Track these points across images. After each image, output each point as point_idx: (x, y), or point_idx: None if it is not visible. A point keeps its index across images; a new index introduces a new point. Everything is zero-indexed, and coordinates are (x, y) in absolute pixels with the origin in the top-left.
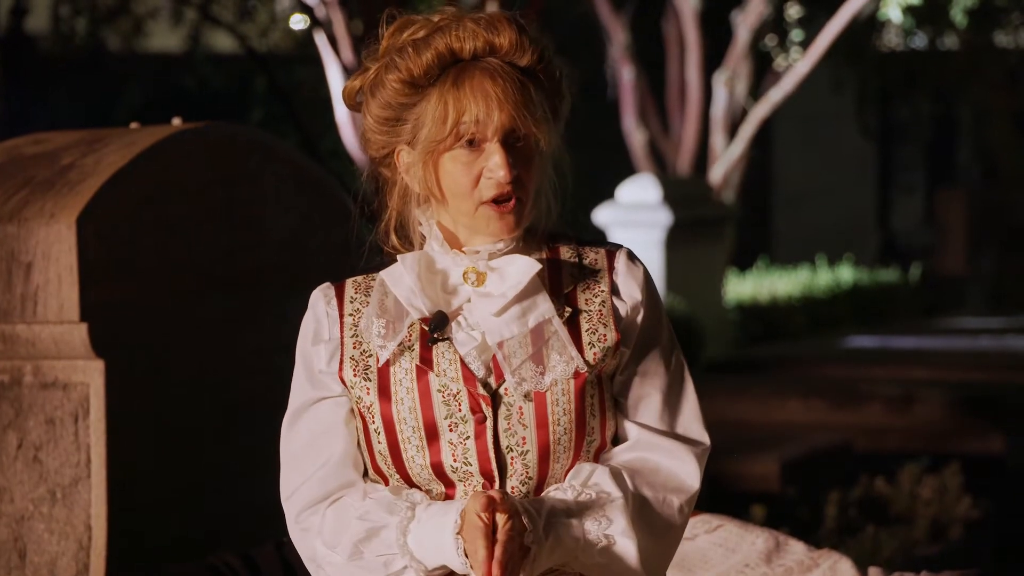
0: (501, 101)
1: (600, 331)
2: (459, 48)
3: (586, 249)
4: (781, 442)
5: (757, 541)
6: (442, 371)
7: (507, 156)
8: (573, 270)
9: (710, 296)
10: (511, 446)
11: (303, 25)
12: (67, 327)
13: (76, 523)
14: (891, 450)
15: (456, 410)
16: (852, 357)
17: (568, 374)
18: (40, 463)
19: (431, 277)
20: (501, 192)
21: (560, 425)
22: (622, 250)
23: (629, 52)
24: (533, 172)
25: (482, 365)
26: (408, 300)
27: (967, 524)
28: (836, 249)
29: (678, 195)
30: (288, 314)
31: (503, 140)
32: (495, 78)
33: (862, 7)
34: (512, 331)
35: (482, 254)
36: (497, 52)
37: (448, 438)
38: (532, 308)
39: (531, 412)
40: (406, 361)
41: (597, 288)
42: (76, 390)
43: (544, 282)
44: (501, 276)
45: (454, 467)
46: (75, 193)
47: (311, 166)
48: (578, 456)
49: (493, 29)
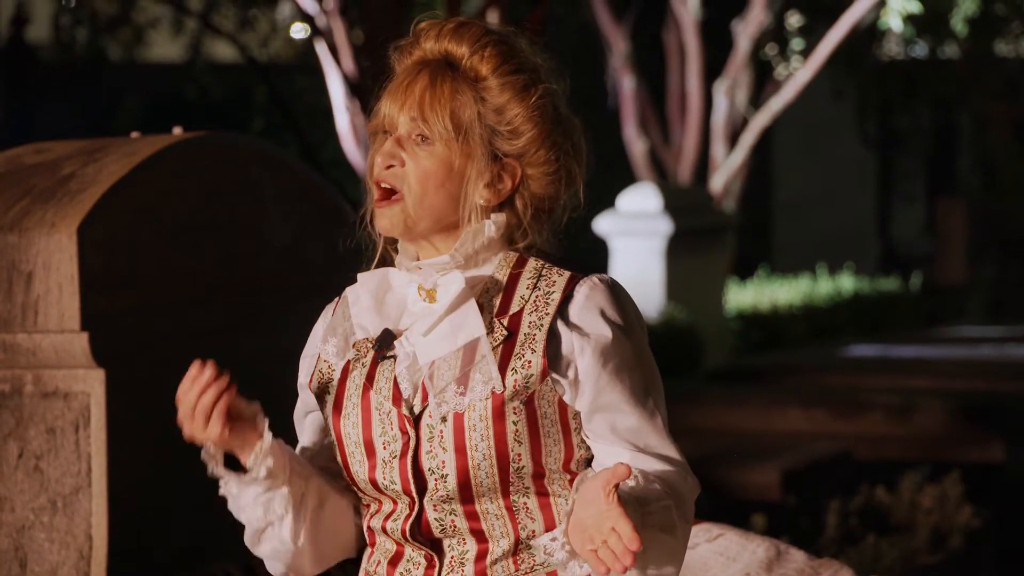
0: (404, 97)
1: (526, 356)
2: (425, 49)
3: (552, 271)
4: (782, 451)
5: (758, 550)
6: (379, 389)
7: (393, 145)
8: (526, 291)
9: (711, 305)
10: (432, 468)
11: (304, 34)
12: (68, 336)
13: (77, 532)
14: (892, 459)
15: (388, 428)
16: (853, 366)
17: (485, 395)
18: (41, 472)
19: (387, 294)
20: (377, 179)
21: (478, 451)
22: (589, 278)
23: (630, 61)
24: (425, 178)
25: (411, 385)
26: (359, 319)
27: (968, 533)
28: (836, 258)
29: (679, 204)
30: (288, 323)
31: (404, 135)
32: (417, 76)
33: (863, 16)
34: (441, 350)
35: (427, 270)
36: (447, 56)
37: (381, 455)
38: (462, 326)
39: (450, 435)
40: (357, 377)
41: (542, 312)
42: (77, 399)
43: (494, 301)
44: (446, 291)
45: (384, 484)
46: (76, 203)
47: (311, 175)
48: (506, 482)
49: (447, 33)
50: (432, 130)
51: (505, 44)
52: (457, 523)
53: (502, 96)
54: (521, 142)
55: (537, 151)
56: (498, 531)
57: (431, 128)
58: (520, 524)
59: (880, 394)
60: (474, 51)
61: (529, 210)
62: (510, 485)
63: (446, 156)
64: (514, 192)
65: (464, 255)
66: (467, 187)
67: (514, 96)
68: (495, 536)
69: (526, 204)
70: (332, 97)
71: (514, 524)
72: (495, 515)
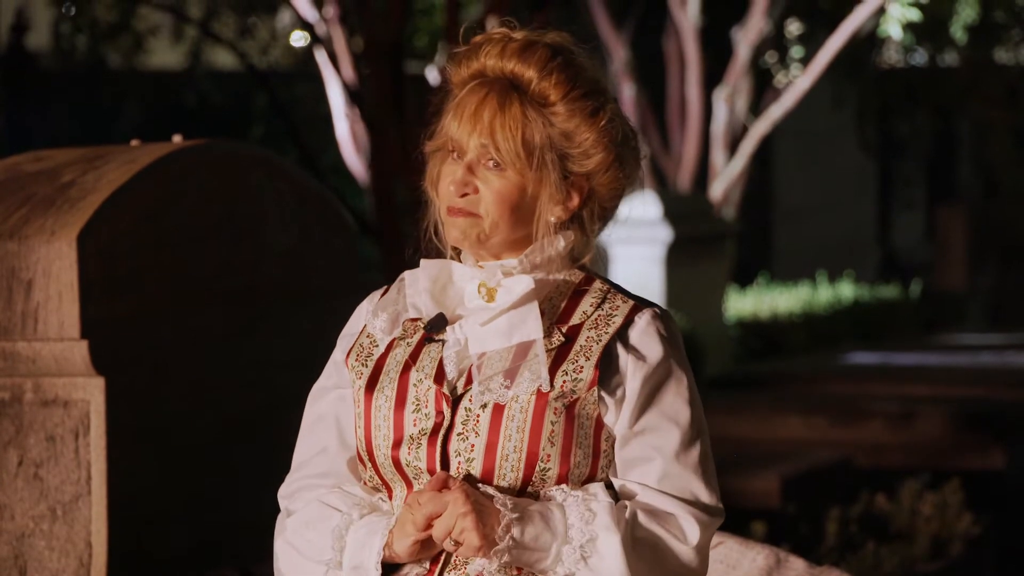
0: (475, 123)
1: (579, 363)
2: (483, 66)
3: (617, 296)
4: (782, 458)
5: (758, 558)
6: (422, 367)
7: (465, 174)
8: (589, 308)
9: (710, 312)
10: (459, 451)
11: (303, 42)
12: (68, 344)
13: (77, 540)
14: (892, 466)
15: (423, 405)
16: (852, 373)
17: (530, 391)
18: (40, 480)
19: (447, 285)
20: (451, 205)
21: (511, 441)
22: (652, 308)
23: (629, 69)
24: (500, 203)
25: (456, 369)
26: (413, 300)
27: (968, 540)
28: (836, 265)
29: (678, 211)
30: (288, 330)
31: (474, 159)
32: (485, 100)
33: (862, 24)
34: (494, 344)
35: (493, 270)
36: (508, 76)
37: (410, 432)
38: (520, 326)
39: (486, 421)
40: (400, 354)
41: (602, 330)
42: (76, 407)
43: (558, 308)
44: (508, 292)
45: (407, 461)
46: (76, 210)
47: (311, 182)
48: (527, 480)
49: (510, 52)
50: (504, 157)
51: (572, 67)
52: None
53: (571, 122)
54: (591, 164)
55: (607, 171)
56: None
57: (503, 155)
58: None
59: (880, 402)
60: (542, 76)
61: (596, 221)
62: (528, 485)
63: (519, 180)
64: (582, 207)
65: (532, 263)
66: (540, 208)
67: (583, 122)
68: None
69: (593, 214)
70: (332, 104)
71: None
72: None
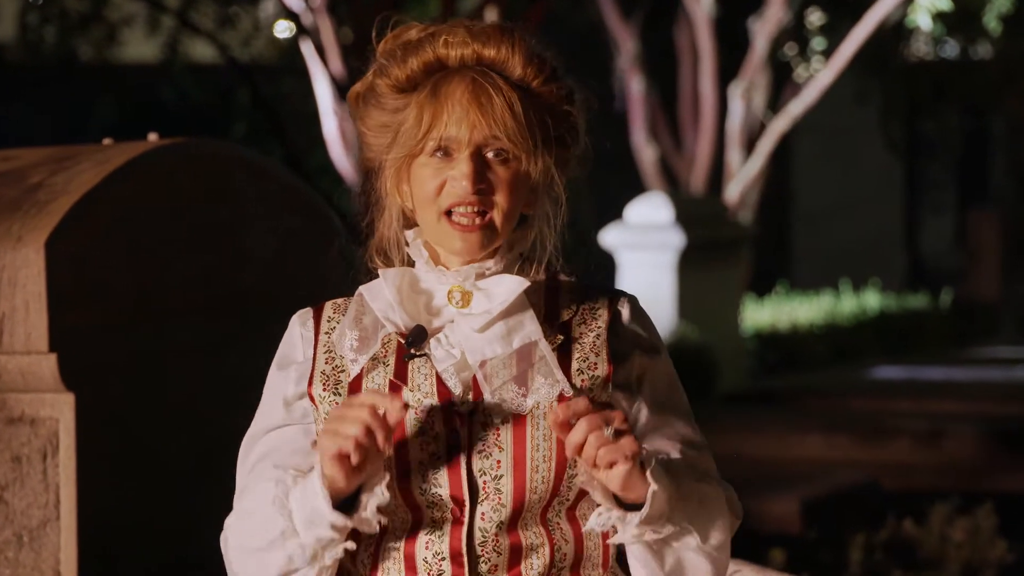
0: (477, 112)
1: (591, 359)
2: (445, 55)
3: (588, 288)
4: (802, 480)
5: None
6: (416, 386)
7: (475, 167)
8: (571, 303)
9: (725, 324)
10: (484, 469)
11: (288, 34)
12: (35, 358)
13: (44, 568)
14: (920, 489)
15: (429, 428)
16: (878, 389)
17: (552, 397)
18: (6, 504)
19: (413, 295)
20: (461, 201)
21: (539, 451)
22: (625, 296)
23: (639, 62)
24: (512, 194)
25: (459, 383)
26: (384, 314)
27: (1002, 569)
28: (860, 273)
29: (691, 215)
30: (273, 341)
31: (476, 152)
32: (476, 88)
33: (889, 13)
34: (495, 350)
35: (467, 273)
36: (485, 62)
37: (418, 458)
38: (518, 328)
39: (508, 435)
40: (379, 376)
41: (594, 323)
42: (44, 425)
43: (539, 307)
44: (488, 296)
45: (423, 488)
46: (44, 214)
47: (297, 184)
48: (556, 491)
49: (484, 38)
50: (516, 144)
51: (543, 51)
52: (500, 539)
53: (558, 105)
54: (578, 149)
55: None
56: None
57: (514, 141)
58: (556, 545)
59: (907, 419)
60: (526, 61)
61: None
62: (556, 496)
63: (524, 169)
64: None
65: (511, 260)
66: (539, 197)
67: (568, 105)
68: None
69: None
70: (319, 100)
71: (551, 543)
72: (534, 533)
